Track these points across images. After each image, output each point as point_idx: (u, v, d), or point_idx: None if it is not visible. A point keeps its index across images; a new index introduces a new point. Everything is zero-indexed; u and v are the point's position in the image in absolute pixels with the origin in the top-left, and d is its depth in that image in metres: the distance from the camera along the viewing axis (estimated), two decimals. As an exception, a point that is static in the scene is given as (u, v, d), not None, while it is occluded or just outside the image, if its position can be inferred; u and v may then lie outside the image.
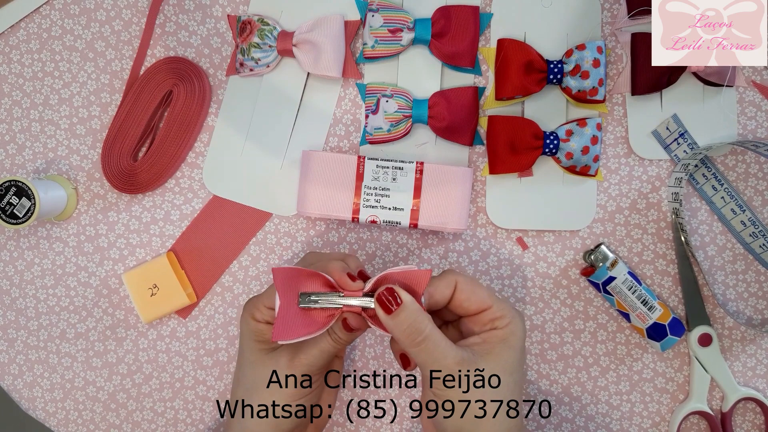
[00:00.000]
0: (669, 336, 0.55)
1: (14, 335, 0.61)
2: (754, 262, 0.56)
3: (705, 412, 0.56)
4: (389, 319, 0.44)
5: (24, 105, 0.60)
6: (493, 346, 0.46)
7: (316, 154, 0.55)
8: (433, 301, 0.47)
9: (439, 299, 0.47)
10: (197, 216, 0.59)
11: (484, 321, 0.47)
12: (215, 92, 0.58)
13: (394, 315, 0.44)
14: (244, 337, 0.50)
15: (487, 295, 0.47)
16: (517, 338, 0.46)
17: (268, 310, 0.49)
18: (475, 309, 0.47)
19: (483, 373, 0.45)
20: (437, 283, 0.47)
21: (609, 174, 0.56)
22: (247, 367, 0.49)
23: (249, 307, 0.50)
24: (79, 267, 0.60)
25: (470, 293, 0.47)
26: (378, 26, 0.54)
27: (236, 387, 0.50)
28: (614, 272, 0.54)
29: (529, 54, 0.53)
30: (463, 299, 0.47)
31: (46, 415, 0.61)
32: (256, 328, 0.49)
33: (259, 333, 0.49)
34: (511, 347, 0.46)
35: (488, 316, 0.47)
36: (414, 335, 0.44)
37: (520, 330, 0.47)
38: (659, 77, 0.53)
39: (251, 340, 0.49)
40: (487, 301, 0.47)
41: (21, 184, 0.54)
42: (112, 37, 0.59)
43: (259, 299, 0.49)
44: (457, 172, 0.54)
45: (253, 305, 0.49)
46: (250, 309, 0.49)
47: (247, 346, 0.49)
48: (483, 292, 0.47)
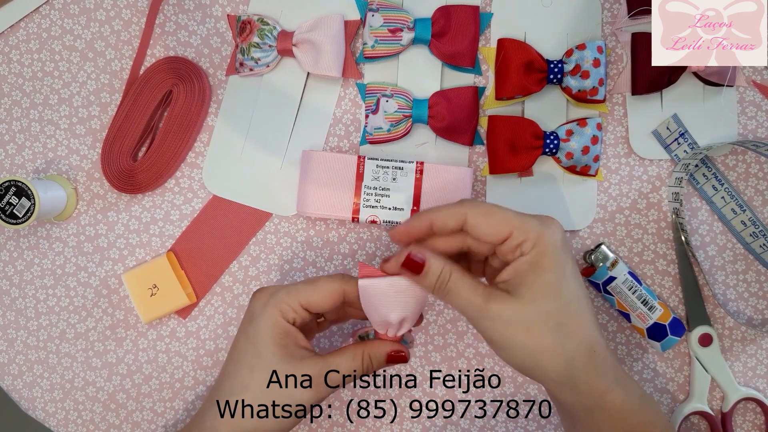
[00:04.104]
0: (669, 336, 0.55)
1: (14, 335, 0.61)
2: (755, 262, 0.56)
3: (705, 412, 0.56)
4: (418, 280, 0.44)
5: (24, 105, 0.60)
6: (524, 276, 0.43)
7: (316, 154, 0.55)
8: (436, 228, 0.45)
9: (441, 227, 0.45)
10: (197, 216, 0.59)
11: (511, 249, 0.43)
12: (215, 92, 0.58)
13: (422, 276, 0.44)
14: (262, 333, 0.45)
15: (506, 220, 0.43)
16: (549, 257, 0.43)
17: (303, 311, 0.45)
18: (495, 238, 0.43)
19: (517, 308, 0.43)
20: (442, 211, 0.45)
21: (609, 174, 0.56)
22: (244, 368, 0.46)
23: (278, 301, 0.45)
24: (79, 267, 0.60)
25: (485, 224, 0.43)
26: (378, 26, 0.54)
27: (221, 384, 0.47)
28: (614, 272, 0.54)
29: (529, 54, 0.53)
30: (479, 232, 0.44)
31: (46, 415, 0.61)
32: (284, 328, 0.45)
33: (285, 335, 0.45)
34: (544, 270, 0.42)
35: (513, 243, 0.43)
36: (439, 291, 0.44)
37: (551, 246, 0.43)
38: (659, 77, 0.53)
39: (271, 341, 0.45)
40: (506, 227, 0.43)
41: (21, 184, 0.54)
42: (112, 37, 0.59)
43: (294, 294, 0.45)
44: (457, 172, 0.54)
45: (283, 300, 0.45)
46: (278, 304, 0.45)
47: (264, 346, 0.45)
48: (500, 218, 0.43)
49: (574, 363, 0.43)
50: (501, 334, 0.43)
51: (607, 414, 0.44)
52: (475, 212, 0.44)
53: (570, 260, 0.44)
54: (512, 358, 0.44)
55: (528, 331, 0.43)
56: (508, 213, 0.44)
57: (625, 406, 0.44)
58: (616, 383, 0.44)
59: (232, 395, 0.47)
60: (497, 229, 0.43)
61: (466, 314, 0.44)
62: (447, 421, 0.58)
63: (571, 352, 0.43)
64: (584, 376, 0.43)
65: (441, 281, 0.44)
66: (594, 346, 0.44)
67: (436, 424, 0.58)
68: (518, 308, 0.43)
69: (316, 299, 0.46)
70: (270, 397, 0.46)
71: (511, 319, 0.43)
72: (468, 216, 0.44)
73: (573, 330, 0.43)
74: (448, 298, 0.44)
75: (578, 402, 0.44)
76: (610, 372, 0.44)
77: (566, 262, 0.44)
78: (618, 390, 0.44)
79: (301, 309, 0.46)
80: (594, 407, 0.44)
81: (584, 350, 0.43)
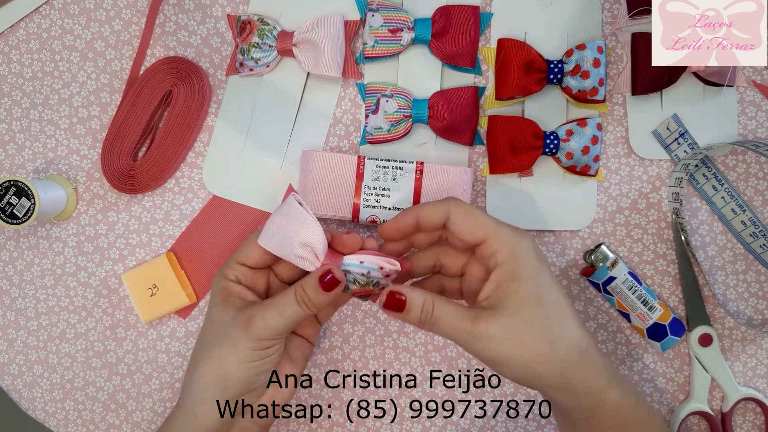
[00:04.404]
0: (669, 336, 0.55)
1: (14, 335, 0.61)
2: (755, 262, 0.56)
3: (705, 412, 0.56)
4: (401, 317, 0.45)
5: (24, 105, 0.60)
6: (506, 287, 0.44)
7: (316, 154, 0.55)
8: (422, 224, 0.47)
9: (426, 223, 0.47)
10: (197, 216, 0.59)
11: (487, 255, 0.45)
12: (215, 92, 0.58)
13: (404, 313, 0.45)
14: (213, 295, 0.48)
15: (483, 225, 0.45)
16: (525, 266, 0.44)
17: (241, 267, 0.48)
18: (471, 239, 0.46)
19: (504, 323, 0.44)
20: (428, 208, 0.47)
21: (609, 174, 0.56)
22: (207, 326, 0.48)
23: (223, 267, 0.49)
24: (79, 267, 0.60)
25: (463, 224, 0.46)
26: (378, 26, 0.54)
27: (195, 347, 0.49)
28: (614, 272, 0.54)
29: (529, 54, 0.53)
30: (457, 230, 0.46)
31: (46, 415, 0.61)
32: (226, 286, 0.48)
33: (228, 291, 0.48)
34: (522, 279, 0.44)
35: (488, 249, 0.45)
36: (426, 324, 0.45)
37: (525, 255, 0.44)
38: (659, 77, 0.53)
39: (218, 300, 0.48)
40: (482, 231, 0.45)
41: (21, 184, 0.54)
42: (112, 37, 0.59)
43: (232, 257, 0.48)
44: (457, 172, 0.54)
45: (226, 264, 0.48)
46: (222, 269, 0.48)
47: (213, 303, 0.48)
48: (478, 221, 0.46)
49: (569, 366, 0.44)
50: (495, 351, 0.44)
51: (605, 413, 0.45)
52: (457, 210, 0.46)
53: (546, 269, 0.45)
54: (510, 372, 0.45)
55: (520, 344, 0.43)
56: (487, 218, 0.46)
57: (622, 403, 0.45)
58: (611, 382, 0.45)
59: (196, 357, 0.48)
60: (474, 230, 0.45)
61: (456, 340, 0.45)
62: (447, 421, 0.58)
63: (563, 357, 0.44)
64: (580, 377, 0.44)
65: (425, 313, 0.45)
66: (585, 348, 0.44)
67: (436, 424, 0.58)
68: (505, 322, 0.44)
69: (247, 253, 0.48)
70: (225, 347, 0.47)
71: (501, 336, 0.43)
72: (451, 213, 0.46)
73: (561, 335, 0.44)
74: (436, 328, 0.45)
75: (578, 405, 0.45)
76: (603, 371, 0.45)
77: (543, 271, 0.45)
78: (614, 388, 0.45)
79: (239, 265, 0.48)
80: (593, 407, 0.45)
81: (576, 353, 0.44)
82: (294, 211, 0.46)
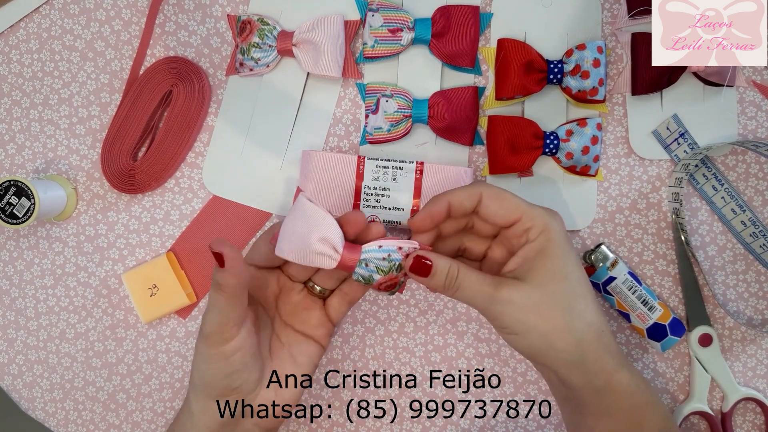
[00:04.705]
0: (669, 336, 0.55)
1: (14, 335, 0.61)
2: (755, 262, 0.56)
3: (705, 412, 0.56)
4: (426, 281, 0.46)
5: (24, 105, 0.60)
6: (533, 262, 0.45)
7: (316, 154, 0.55)
8: (453, 210, 0.47)
9: (458, 208, 0.47)
10: (197, 216, 0.59)
11: (518, 234, 0.47)
12: (215, 92, 0.58)
13: (429, 277, 0.46)
14: None
15: (516, 206, 0.46)
16: (556, 244, 0.45)
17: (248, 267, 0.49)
18: (504, 221, 0.47)
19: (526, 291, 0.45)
20: (459, 193, 0.47)
21: (609, 174, 0.56)
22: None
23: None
24: (79, 267, 0.60)
25: (497, 206, 0.47)
26: (378, 26, 0.54)
27: None
28: (614, 272, 0.54)
29: (529, 54, 0.53)
30: (490, 213, 0.47)
31: (46, 416, 0.61)
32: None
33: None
34: (551, 256, 0.45)
35: (520, 228, 0.46)
36: (449, 289, 0.46)
37: (557, 234, 0.46)
38: (659, 77, 0.53)
39: None
40: (516, 212, 0.46)
41: (20, 184, 0.54)
42: (112, 37, 0.59)
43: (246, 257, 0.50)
44: (457, 172, 0.54)
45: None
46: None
47: None
48: (511, 202, 0.46)
49: (584, 342, 0.45)
50: (512, 317, 0.45)
51: (615, 394, 0.45)
52: (489, 193, 0.47)
53: (573, 251, 0.47)
54: (524, 341, 0.45)
55: (539, 313, 0.44)
56: (518, 199, 0.47)
57: (632, 386, 0.46)
58: (621, 365, 0.46)
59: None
60: (508, 211, 0.46)
61: (476, 304, 0.46)
62: (447, 421, 0.58)
63: (581, 332, 0.45)
64: (594, 356, 0.45)
65: (450, 278, 0.46)
66: (602, 329, 0.46)
67: (436, 424, 0.58)
68: (528, 291, 0.45)
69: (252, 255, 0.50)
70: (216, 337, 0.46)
71: (521, 303, 0.44)
72: (483, 196, 0.47)
73: (581, 311, 0.45)
74: (459, 293, 0.46)
75: (588, 383, 0.45)
76: (616, 355, 0.46)
77: (570, 251, 0.46)
78: (624, 371, 0.46)
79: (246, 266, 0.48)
80: (603, 388, 0.45)
81: (593, 330, 0.45)
82: (306, 209, 0.46)
